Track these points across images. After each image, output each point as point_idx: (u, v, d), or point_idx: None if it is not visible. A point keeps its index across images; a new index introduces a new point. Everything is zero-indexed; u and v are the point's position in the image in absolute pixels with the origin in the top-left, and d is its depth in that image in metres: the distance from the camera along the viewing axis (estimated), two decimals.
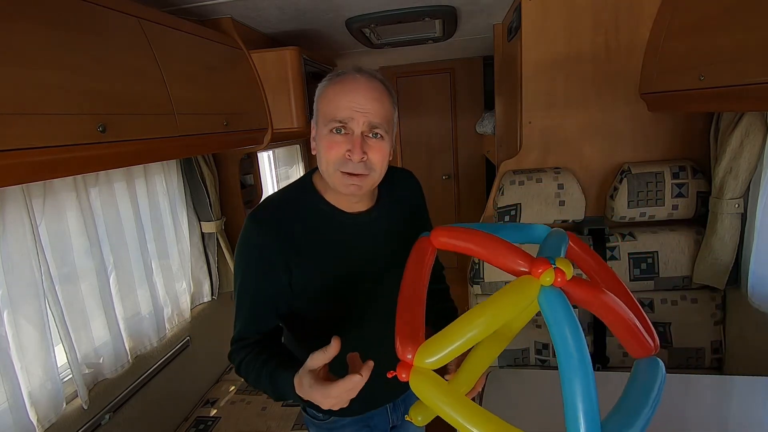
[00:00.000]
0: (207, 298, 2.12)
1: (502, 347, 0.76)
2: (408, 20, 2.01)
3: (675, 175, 1.57)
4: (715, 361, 1.61)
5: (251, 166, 2.64)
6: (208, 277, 2.11)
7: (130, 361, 1.58)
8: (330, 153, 0.81)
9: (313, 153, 0.89)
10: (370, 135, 0.82)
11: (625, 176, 1.60)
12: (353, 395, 0.67)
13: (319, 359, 0.68)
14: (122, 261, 1.59)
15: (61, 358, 1.32)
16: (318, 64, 2.28)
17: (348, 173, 0.81)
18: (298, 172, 3.63)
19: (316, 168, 0.92)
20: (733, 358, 1.56)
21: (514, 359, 1.70)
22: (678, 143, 1.68)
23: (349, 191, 0.83)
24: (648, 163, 1.63)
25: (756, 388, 1.14)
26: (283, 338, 1.00)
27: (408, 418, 0.85)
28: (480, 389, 0.86)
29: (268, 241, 0.84)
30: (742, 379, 1.23)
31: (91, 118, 1.02)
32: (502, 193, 1.70)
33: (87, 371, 1.44)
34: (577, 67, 1.66)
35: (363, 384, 0.65)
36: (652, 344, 0.68)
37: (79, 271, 1.42)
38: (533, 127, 1.75)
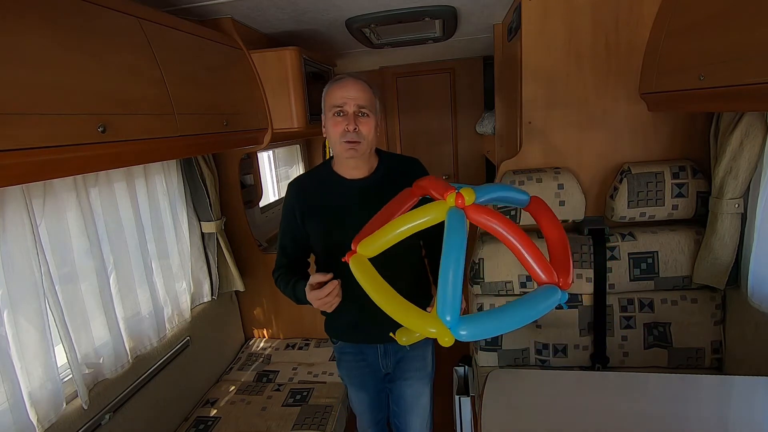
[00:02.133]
0: (207, 298, 2.12)
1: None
2: (408, 20, 2.01)
3: (675, 175, 1.57)
4: (715, 361, 1.61)
5: (251, 166, 2.64)
6: (208, 277, 2.11)
7: (130, 361, 1.58)
8: (335, 130, 1.17)
9: (324, 136, 1.25)
10: (359, 114, 1.17)
11: (625, 176, 1.60)
12: (334, 296, 1.08)
13: (316, 278, 1.11)
14: (122, 261, 1.59)
15: (61, 358, 1.32)
16: (318, 64, 2.28)
17: (347, 141, 1.16)
18: (298, 171, 3.63)
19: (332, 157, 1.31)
20: (733, 358, 1.56)
21: (513, 359, 1.70)
22: (678, 143, 1.68)
23: (349, 155, 1.18)
24: (648, 163, 1.63)
25: (756, 388, 1.14)
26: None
27: (392, 336, 1.12)
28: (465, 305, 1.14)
29: (292, 193, 1.30)
30: (742, 379, 1.24)
31: (91, 118, 1.02)
32: None
33: (87, 371, 1.44)
34: (577, 67, 1.66)
35: (338, 286, 1.08)
36: (555, 275, 0.77)
37: (79, 271, 1.42)
38: (533, 127, 1.75)
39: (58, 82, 0.95)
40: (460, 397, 1.75)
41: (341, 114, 1.16)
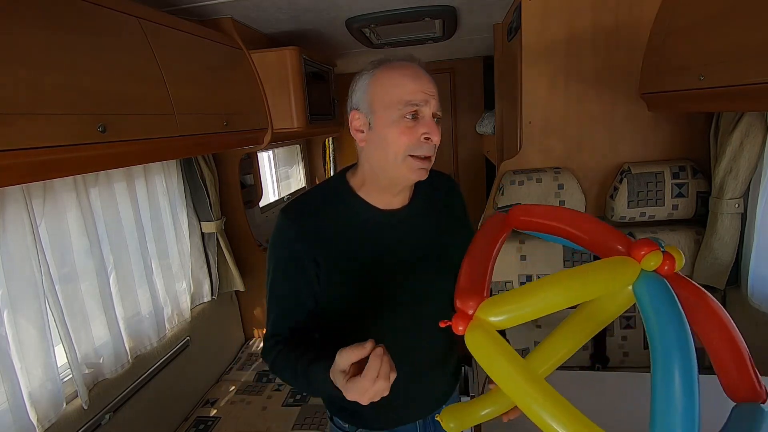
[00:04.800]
0: (207, 298, 2.12)
1: (583, 339, 0.61)
2: (408, 20, 2.01)
3: (675, 175, 1.57)
4: None
5: (251, 166, 2.65)
6: (208, 277, 2.11)
7: (130, 361, 1.58)
8: (402, 139, 0.77)
9: (361, 145, 0.82)
10: (434, 119, 0.80)
11: (625, 176, 1.60)
12: (385, 375, 0.60)
13: (349, 357, 0.62)
14: (122, 261, 1.59)
15: (61, 358, 1.32)
16: (318, 64, 2.28)
17: (419, 157, 0.78)
18: (298, 172, 3.63)
19: (347, 167, 0.90)
20: None
21: None
22: (678, 143, 1.68)
23: (418, 175, 0.80)
24: (648, 163, 1.63)
25: None
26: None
27: (438, 419, 0.79)
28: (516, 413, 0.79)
29: (298, 234, 0.82)
30: None
31: (91, 118, 1.02)
32: (502, 193, 1.70)
33: (87, 371, 1.44)
34: (576, 67, 1.66)
35: (387, 356, 0.61)
36: (759, 387, 0.53)
37: (79, 271, 1.42)
38: (533, 127, 1.75)
39: (58, 82, 0.95)
40: (460, 397, 1.75)
41: (415, 116, 0.78)
